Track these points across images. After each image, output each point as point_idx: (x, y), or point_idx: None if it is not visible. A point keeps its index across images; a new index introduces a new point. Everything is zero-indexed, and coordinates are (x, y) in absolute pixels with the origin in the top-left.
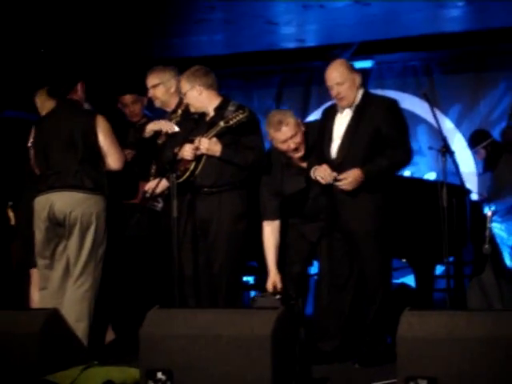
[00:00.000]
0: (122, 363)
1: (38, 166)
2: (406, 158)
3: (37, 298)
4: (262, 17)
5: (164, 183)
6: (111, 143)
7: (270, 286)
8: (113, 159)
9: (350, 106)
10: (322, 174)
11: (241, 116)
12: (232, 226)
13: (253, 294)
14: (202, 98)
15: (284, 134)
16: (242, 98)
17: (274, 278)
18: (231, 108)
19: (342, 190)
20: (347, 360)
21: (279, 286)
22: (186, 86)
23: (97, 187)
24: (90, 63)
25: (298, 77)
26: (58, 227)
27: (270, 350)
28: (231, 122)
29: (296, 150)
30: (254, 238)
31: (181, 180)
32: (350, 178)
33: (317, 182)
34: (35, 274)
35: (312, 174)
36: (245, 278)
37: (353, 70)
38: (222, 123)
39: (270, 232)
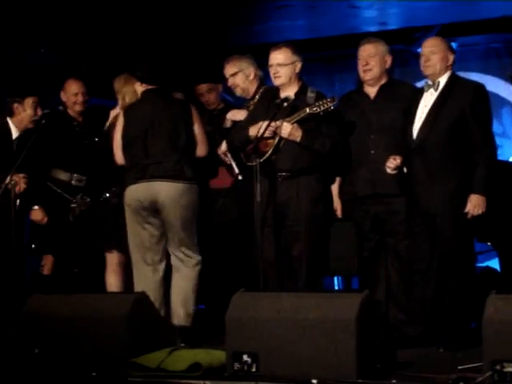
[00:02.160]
0: (209, 346)
1: (128, 155)
2: (495, 155)
3: (113, 281)
4: (344, 1)
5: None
6: (202, 132)
7: None
8: (202, 148)
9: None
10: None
11: (329, 104)
12: (310, 209)
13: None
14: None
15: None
16: (323, 82)
17: None
18: (311, 94)
19: (418, 175)
20: (432, 344)
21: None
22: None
23: (194, 176)
24: (169, 51)
25: None
26: (155, 214)
27: (354, 334)
28: (318, 110)
29: None
30: None
31: (260, 161)
32: (475, 209)
33: None
34: (110, 257)
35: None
36: None
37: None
38: (307, 109)
39: None
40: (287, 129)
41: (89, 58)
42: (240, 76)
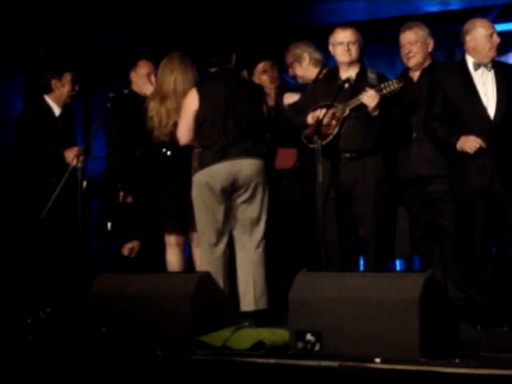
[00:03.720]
0: (272, 325)
1: (204, 135)
2: None
3: (173, 260)
4: None
5: None
6: (266, 113)
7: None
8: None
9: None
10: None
11: (396, 86)
12: (376, 189)
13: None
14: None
15: None
16: (384, 63)
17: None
18: (371, 75)
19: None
20: (495, 324)
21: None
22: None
23: (267, 155)
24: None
25: (442, 40)
26: (231, 194)
27: (417, 313)
28: (385, 91)
29: None
30: None
31: (324, 143)
32: None
33: None
34: (170, 237)
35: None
36: None
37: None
38: (373, 91)
39: None
40: (373, 98)
41: (151, 43)
42: (295, 65)
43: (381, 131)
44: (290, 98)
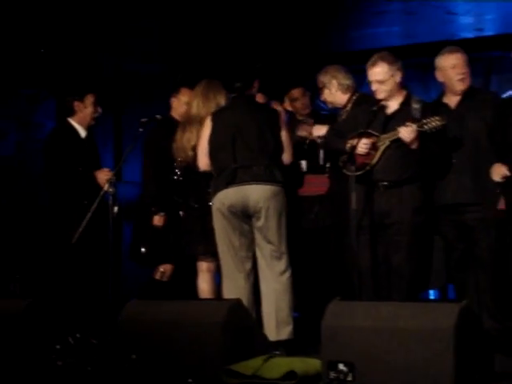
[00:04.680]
0: (304, 354)
1: (216, 161)
2: None
3: (203, 286)
4: (442, 7)
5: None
6: (288, 138)
7: None
8: (287, 155)
9: None
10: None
11: (438, 123)
12: (413, 218)
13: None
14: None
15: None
16: (419, 88)
17: None
18: (415, 105)
19: None
20: None
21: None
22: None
23: (283, 180)
24: (266, 59)
25: (477, 66)
26: (246, 219)
27: (452, 344)
28: (425, 127)
29: None
30: None
31: (359, 173)
32: None
33: None
34: (202, 264)
35: None
36: None
37: None
38: (415, 126)
39: None
40: (410, 134)
41: (185, 68)
42: (325, 91)
43: (419, 162)
44: (319, 131)
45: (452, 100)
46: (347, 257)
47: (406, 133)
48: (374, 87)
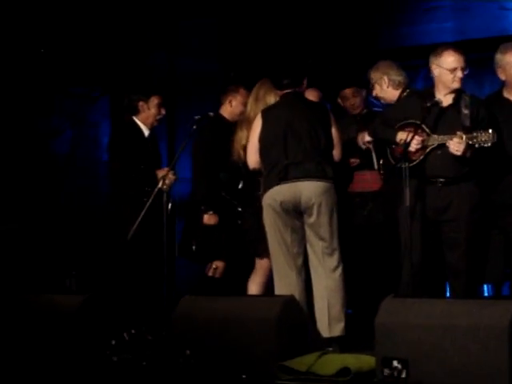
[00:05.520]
0: (357, 351)
1: (267, 158)
2: None
3: (254, 287)
4: (495, 2)
5: None
6: (338, 136)
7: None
8: (337, 152)
9: None
10: None
11: (488, 139)
12: (471, 215)
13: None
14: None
15: None
16: (472, 84)
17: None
18: (464, 102)
19: None
20: None
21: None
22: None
23: (335, 177)
24: (316, 57)
25: None
26: (297, 215)
27: (508, 342)
28: (475, 141)
29: None
30: None
31: (409, 165)
32: None
33: None
34: (259, 263)
35: None
36: None
37: None
38: (464, 137)
39: None
40: (459, 147)
41: (239, 66)
42: (376, 87)
43: (475, 159)
44: (365, 137)
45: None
46: (400, 254)
47: (456, 146)
48: (459, 74)
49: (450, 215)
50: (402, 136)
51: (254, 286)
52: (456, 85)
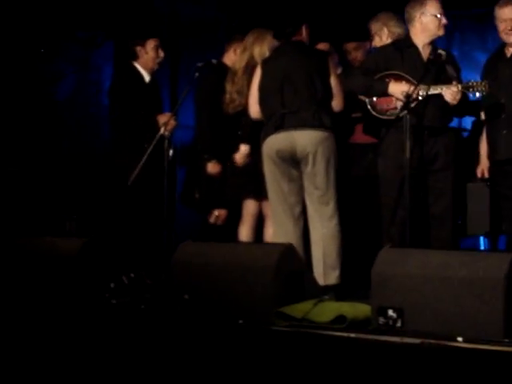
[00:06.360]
0: (353, 299)
1: (265, 107)
2: None
3: (245, 232)
4: None
5: None
6: (338, 85)
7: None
8: (337, 101)
9: None
10: None
11: (483, 89)
12: (454, 165)
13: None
14: None
15: None
16: (476, 39)
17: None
18: (442, 55)
19: None
20: None
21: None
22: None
23: (333, 126)
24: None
25: None
26: (295, 165)
27: (502, 293)
28: (470, 90)
29: None
30: None
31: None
32: None
33: None
34: (246, 208)
35: None
36: None
37: None
38: (460, 87)
39: None
40: (456, 96)
41: (242, 13)
42: (376, 39)
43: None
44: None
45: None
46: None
47: (451, 95)
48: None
49: (437, 165)
50: (401, 88)
51: (245, 231)
52: (442, 32)
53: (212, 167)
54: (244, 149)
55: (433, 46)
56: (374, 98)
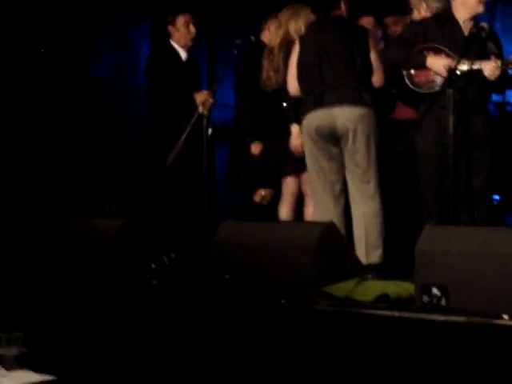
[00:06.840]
0: (396, 278)
1: (303, 84)
2: None
3: (284, 211)
4: None
5: None
6: (379, 60)
7: None
8: (378, 77)
9: None
10: None
11: None
12: (492, 142)
13: None
14: None
15: None
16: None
17: None
18: (484, 30)
19: None
20: None
21: None
22: None
23: (373, 102)
24: None
25: None
26: (334, 142)
27: None
28: (510, 66)
29: None
30: None
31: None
32: None
33: None
34: (286, 186)
35: None
36: None
37: None
38: (499, 62)
39: None
40: (495, 72)
41: None
42: (414, 12)
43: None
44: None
45: None
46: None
47: (492, 71)
48: None
49: (476, 141)
50: (441, 61)
51: (284, 210)
52: (481, 8)
53: (255, 148)
54: (296, 130)
55: (474, 21)
56: (412, 71)
